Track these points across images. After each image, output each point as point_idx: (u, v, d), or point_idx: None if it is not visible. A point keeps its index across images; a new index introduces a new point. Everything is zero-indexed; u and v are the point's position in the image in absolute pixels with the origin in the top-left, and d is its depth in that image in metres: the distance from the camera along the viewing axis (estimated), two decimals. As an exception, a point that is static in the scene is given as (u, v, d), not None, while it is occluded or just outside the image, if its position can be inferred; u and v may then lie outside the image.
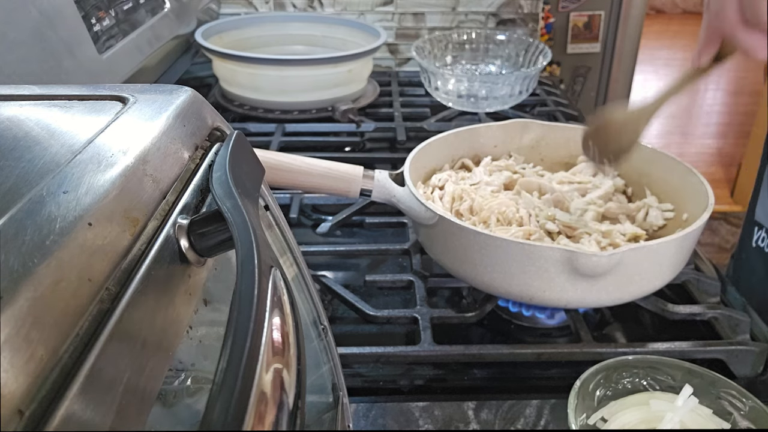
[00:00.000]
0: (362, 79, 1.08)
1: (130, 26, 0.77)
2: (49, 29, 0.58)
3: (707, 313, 0.58)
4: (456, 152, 0.72)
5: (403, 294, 0.64)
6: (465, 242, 0.54)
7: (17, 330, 0.15)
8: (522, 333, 0.60)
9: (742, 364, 0.54)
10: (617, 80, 1.47)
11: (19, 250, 0.17)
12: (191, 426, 0.27)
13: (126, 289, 0.19)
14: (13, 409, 0.14)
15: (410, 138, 0.94)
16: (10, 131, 0.24)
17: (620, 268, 0.50)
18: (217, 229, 0.23)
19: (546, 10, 1.37)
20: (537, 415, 0.50)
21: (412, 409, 0.50)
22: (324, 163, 0.59)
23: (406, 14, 1.33)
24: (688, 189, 0.62)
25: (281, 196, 0.77)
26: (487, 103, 1.00)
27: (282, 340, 0.20)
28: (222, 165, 0.25)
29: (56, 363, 0.16)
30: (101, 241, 0.19)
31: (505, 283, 0.54)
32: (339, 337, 0.41)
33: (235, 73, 1.02)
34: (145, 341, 0.19)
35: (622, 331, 0.61)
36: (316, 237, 0.72)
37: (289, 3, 1.31)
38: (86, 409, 0.16)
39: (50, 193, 0.20)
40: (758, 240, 0.74)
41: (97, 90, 0.29)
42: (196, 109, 0.29)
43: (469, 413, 0.50)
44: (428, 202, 0.57)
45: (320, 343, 0.37)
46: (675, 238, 0.52)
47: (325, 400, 0.38)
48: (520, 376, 0.55)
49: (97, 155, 0.23)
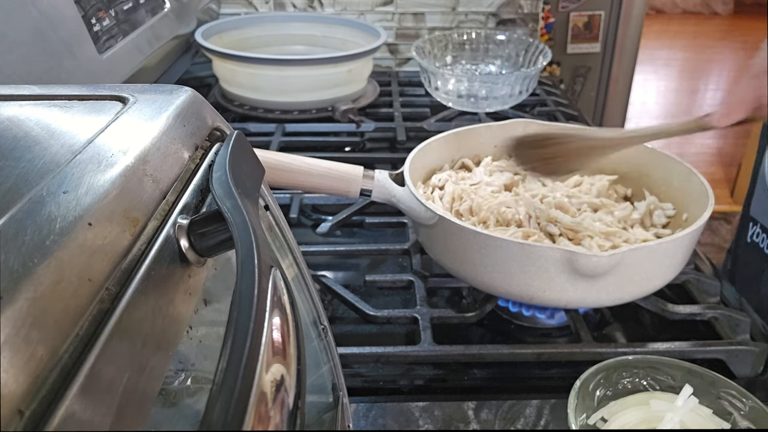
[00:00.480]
0: (362, 79, 1.08)
1: (130, 26, 0.77)
2: (49, 29, 0.58)
3: (707, 313, 0.58)
4: (456, 152, 0.72)
5: (403, 294, 0.64)
6: (465, 242, 0.54)
7: (17, 330, 0.15)
8: (522, 333, 0.60)
9: (742, 364, 0.54)
10: (617, 80, 1.47)
11: (19, 250, 0.17)
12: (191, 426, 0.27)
13: (126, 289, 0.19)
14: (13, 409, 0.14)
15: (410, 138, 0.94)
16: (10, 131, 0.24)
17: (620, 268, 0.50)
18: (217, 229, 0.23)
19: (546, 10, 1.37)
20: (537, 415, 0.50)
21: (412, 409, 0.50)
22: (324, 163, 0.59)
23: (406, 14, 1.33)
24: (688, 189, 0.62)
25: (281, 196, 0.77)
26: (487, 103, 1.00)
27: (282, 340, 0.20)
28: (222, 165, 0.25)
29: (56, 363, 0.16)
30: (101, 241, 0.19)
31: (505, 283, 0.54)
32: (339, 337, 0.41)
33: (235, 73, 1.02)
34: (145, 341, 0.19)
35: (622, 331, 0.61)
36: (316, 237, 0.72)
37: (289, 3, 1.31)
38: (86, 409, 0.16)
39: (50, 193, 0.20)
40: (753, 235, 0.74)
41: (97, 90, 0.29)
42: (196, 109, 0.29)
43: (469, 413, 0.50)
44: (428, 202, 0.57)
45: (320, 343, 0.37)
46: (675, 238, 0.52)
47: (325, 400, 0.38)
48: (520, 376, 0.55)
49: (97, 155, 0.23)
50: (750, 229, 0.75)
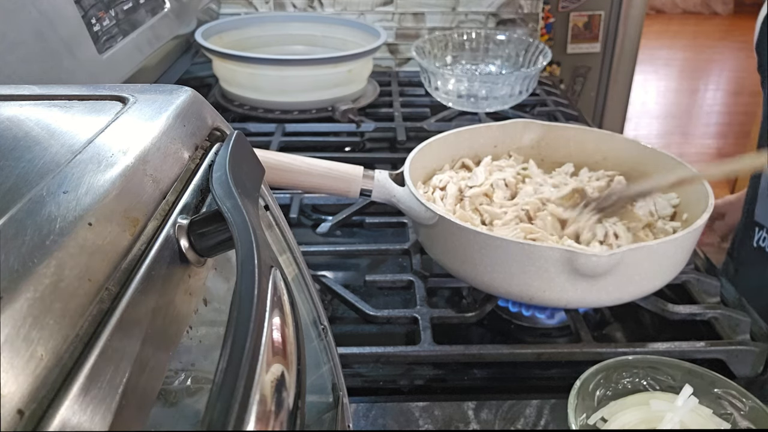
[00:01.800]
0: (362, 79, 1.08)
1: (130, 26, 0.77)
2: (49, 29, 0.58)
3: (707, 313, 0.58)
4: (456, 152, 0.72)
5: (403, 294, 0.64)
6: (465, 242, 0.54)
7: (17, 330, 0.15)
8: (522, 333, 0.60)
9: (742, 364, 0.54)
10: (617, 80, 1.47)
11: (19, 250, 0.17)
12: (191, 426, 0.27)
13: (126, 289, 0.19)
14: (13, 409, 0.14)
15: (410, 138, 0.94)
16: (10, 131, 0.24)
17: (620, 268, 0.50)
18: (217, 229, 0.23)
19: (546, 10, 1.36)
20: (537, 415, 0.50)
21: (412, 409, 0.50)
22: (324, 163, 0.59)
23: (406, 14, 1.33)
24: (688, 189, 0.62)
25: (281, 196, 0.77)
26: (487, 103, 1.00)
27: (282, 340, 0.20)
28: (222, 165, 0.25)
29: (56, 363, 0.16)
30: (101, 241, 0.19)
31: (505, 283, 0.54)
32: (339, 337, 0.41)
33: (235, 73, 1.02)
34: (145, 341, 0.19)
35: (622, 331, 0.61)
36: (316, 237, 0.72)
37: (289, 3, 1.31)
38: (86, 409, 0.16)
39: (50, 193, 0.20)
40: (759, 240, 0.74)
41: (97, 90, 0.29)
42: (196, 109, 0.29)
43: (469, 413, 0.50)
44: (428, 203, 0.57)
45: (320, 343, 0.37)
46: (675, 238, 0.52)
47: (325, 400, 0.38)
48: (520, 376, 0.55)
49: (97, 155, 0.22)
50: (756, 234, 0.75)
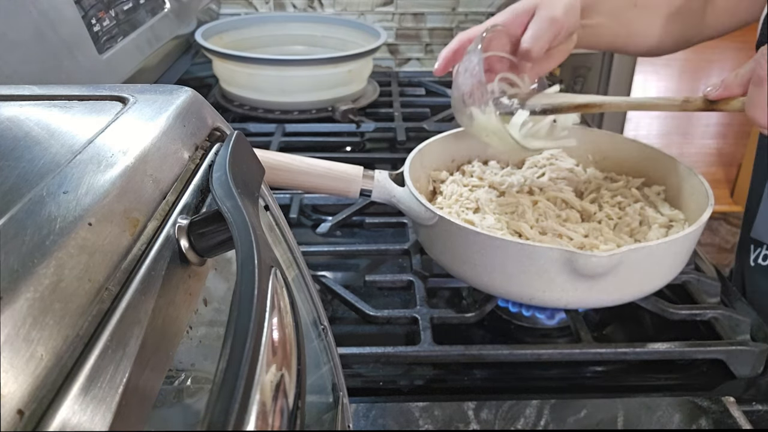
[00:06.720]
0: (362, 79, 1.08)
1: (130, 26, 0.77)
2: (49, 29, 0.58)
3: (707, 313, 0.58)
4: (456, 152, 0.72)
5: (403, 294, 0.64)
6: (465, 242, 0.54)
7: (17, 330, 0.15)
8: (522, 333, 0.60)
9: (742, 364, 0.54)
10: (617, 80, 1.47)
11: (19, 250, 0.17)
12: (191, 426, 0.27)
13: (126, 289, 0.19)
14: (13, 409, 0.14)
15: (410, 138, 0.94)
16: (10, 131, 0.24)
17: (620, 269, 0.50)
18: (217, 229, 0.23)
19: (546, 11, 1.36)
20: (537, 415, 0.50)
21: (412, 409, 0.50)
22: (324, 163, 0.59)
23: (406, 14, 1.33)
24: (688, 189, 0.62)
25: (281, 196, 0.77)
26: (487, 104, 1.00)
27: (282, 340, 0.20)
28: (222, 165, 0.25)
29: (56, 363, 0.16)
30: (101, 241, 0.19)
31: (505, 283, 0.54)
32: (339, 337, 0.41)
33: (235, 74, 1.02)
34: (145, 341, 0.19)
35: (622, 331, 0.61)
36: (316, 237, 0.72)
37: (289, 3, 1.31)
38: (86, 409, 0.16)
39: (50, 193, 0.20)
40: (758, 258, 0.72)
41: (97, 90, 0.29)
42: (196, 110, 0.29)
43: (469, 413, 0.50)
44: (428, 203, 0.57)
45: (320, 343, 0.37)
46: (675, 238, 0.52)
47: (325, 400, 0.38)
48: (520, 376, 0.55)
49: (97, 155, 0.22)
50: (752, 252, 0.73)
